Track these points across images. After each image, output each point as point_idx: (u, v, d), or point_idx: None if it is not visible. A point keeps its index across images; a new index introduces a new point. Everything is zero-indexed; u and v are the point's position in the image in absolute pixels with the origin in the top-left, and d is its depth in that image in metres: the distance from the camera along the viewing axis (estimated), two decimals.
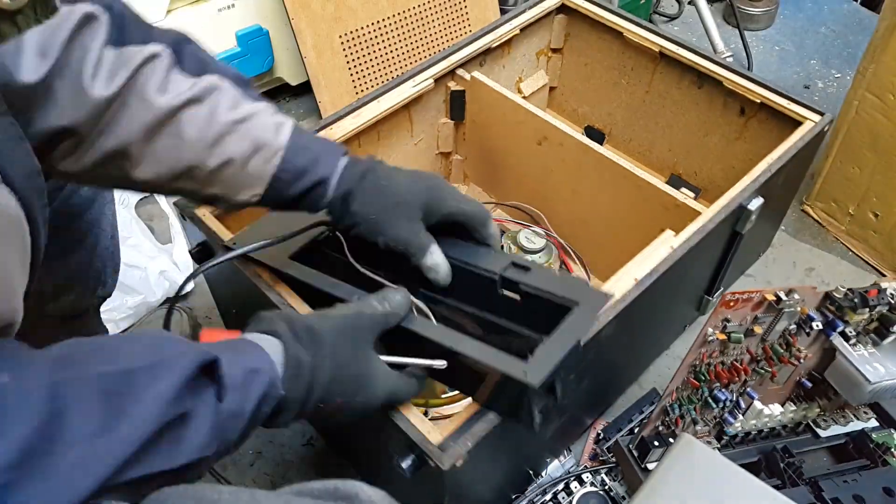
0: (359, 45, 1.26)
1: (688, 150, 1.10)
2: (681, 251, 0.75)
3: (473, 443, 0.60)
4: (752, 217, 0.83)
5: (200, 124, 0.55)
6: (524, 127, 0.98)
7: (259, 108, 0.59)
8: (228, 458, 0.83)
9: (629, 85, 1.12)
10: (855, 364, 0.77)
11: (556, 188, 1.01)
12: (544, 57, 1.18)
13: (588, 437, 0.90)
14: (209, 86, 0.56)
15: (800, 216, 1.20)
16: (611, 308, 0.70)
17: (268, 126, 0.59)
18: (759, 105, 0.95)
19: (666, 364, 0.99)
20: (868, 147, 1.05)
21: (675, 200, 0.85)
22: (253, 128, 0.58)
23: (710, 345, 0.74)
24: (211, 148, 0.56)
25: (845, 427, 0.85)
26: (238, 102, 0.58)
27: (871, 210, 1.09)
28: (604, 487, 0.83)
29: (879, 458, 0.80)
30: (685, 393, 0.77)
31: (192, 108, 0.55)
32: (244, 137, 0.57)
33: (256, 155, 0.58)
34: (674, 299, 0.91)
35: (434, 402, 0.89)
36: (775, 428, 0.83)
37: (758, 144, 0.99)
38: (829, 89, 1.46)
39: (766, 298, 0.73)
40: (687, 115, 1.07)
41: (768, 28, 1.63)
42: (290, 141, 0.59)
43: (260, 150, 0.58)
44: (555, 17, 1.13)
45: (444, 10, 1.33)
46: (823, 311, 0.78)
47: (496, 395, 0.60)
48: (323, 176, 0.60)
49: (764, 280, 1.10)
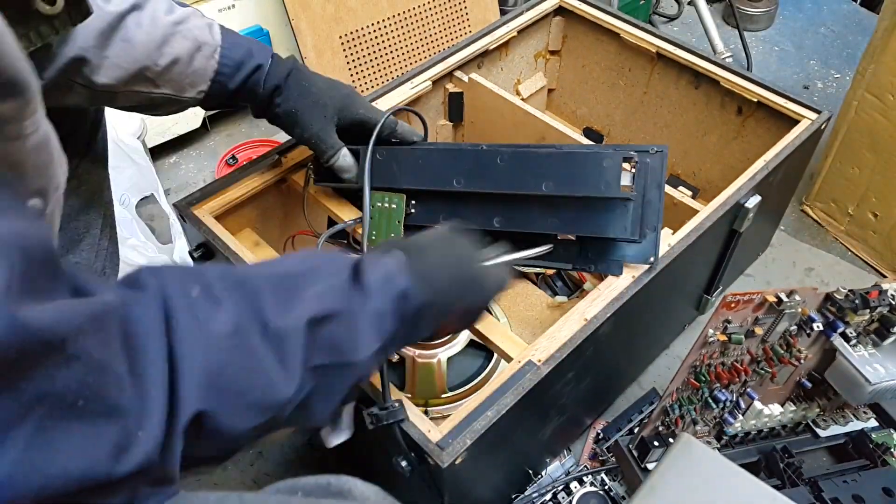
0: (359, 45, 1.26)
1: (686, 150, 1.11)
2: (678, 249, 0.75)
3: (472, 440, 0.60)
4: (749, 215, 0.83)
5: (146, 27, 0.61)
6: (523, 128, 0.98)
7: (189, 12, 0.65)
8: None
9: (627, 86, 1.12)
10: (855, 365, 0.77)
11: None
12: (542, 59, 1.18)
13: (588, 437, 0.90)
14: None
15: (799, 216, 1.20)
16: (609, 306, 0.70)
17: (202, 27, 0.65)
18: (757, 104, 0.95)
19: (666, 364, 0.99)
20: (867, 147, 1.05)
21: (672, 199, 0.85)
22: (191, 28, 0.64)
23: (711, 346, 0.74)
24: (159, 48, 0.62)
25: (845, 427, 0.85)
26: (171, 6, 0.64)
27: (871, 210, 1.09)
28: (604, 487, 0.83)
29: (879, 459, 0.80)
30: (685, 393, 0.77)
31: (136, 14, 0.61)
32: (185, 37, 0.64)
33: (198, 53, 0.65)
34: (672, 298, 0.91)
35: (434, 402, 0.89)
36: (775, 428, 0.83)
37: (756, 144, 0.99)
38: (828, 90, 1.46)
39: (767, 300, 0.73)
40: (685, 116, 1.07)
41: (768, 28, 1.63)
42: (224, 38, 0.67)
43: (201, 47, 0.65)
44: (552, 19, 1.13)
45: (444, 10, 1.33)
46: (824, 312, 0.78)
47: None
48: (259, 63, 0.68)
49: (763, 280, 1.10)
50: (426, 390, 0.89)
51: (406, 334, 0.51)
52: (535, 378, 0.64)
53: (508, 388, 0.63)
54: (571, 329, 0.68)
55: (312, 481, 0.45)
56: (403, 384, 0.90)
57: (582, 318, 0.69)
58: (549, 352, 0.66)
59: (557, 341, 0.67)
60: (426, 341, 0.87)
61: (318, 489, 0.45)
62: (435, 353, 0.89)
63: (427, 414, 0.88)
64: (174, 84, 0.65)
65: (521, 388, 0.63)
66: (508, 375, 0.65)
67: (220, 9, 1.19)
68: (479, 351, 0.92)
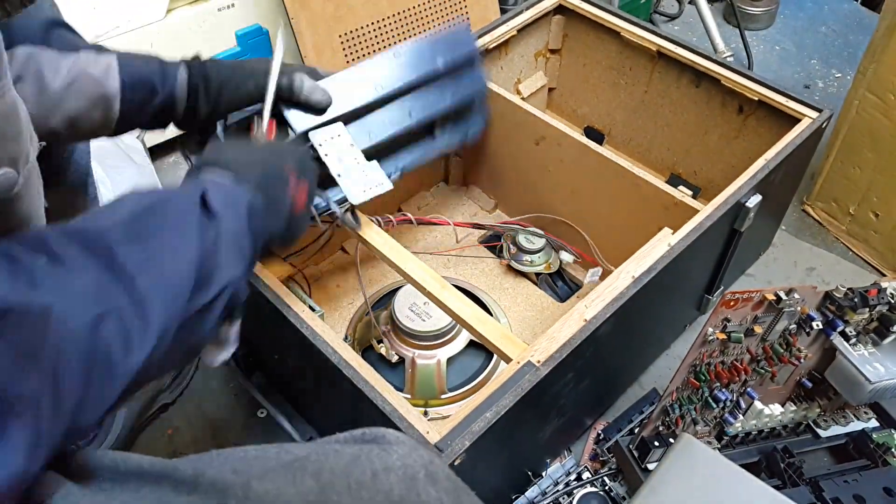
0: (359, 44, 1.25)
1: (687, 149, 1.10)
2: (679, 248, 0.75)
3: (471, 442, 0.60)
4: (750, 215, 0.83)
5: (33, 100, 0.56)
6: (523, 128, 0.98)
7: (81, 60, 0.60)
8: None
9: (628, 85, 1.12)
10: (855, 364, 0.77)
11: (556, 188, 1.01)
12: (542, 58, 1.18)
13: (588, 438, 0.90)
14: (24, 59, 0.57)
15: (800, 216, 1.20)
16: (608, 306, 0.70)
17: (96, 78, 0.60)
18: (758, 103, 0.95)
19: (666, 364, 0.99)
20: (868, 147, 1.05)
21: (673, 199, 0.85)
22: (83, 85, 0.59)
23: (711, 344, 0.74)
24: (51, 116, 0.58)
25: (845, 427, 0.84)
26: (58, 64, 0.59)
27: (872, 210, 1.09)
28: (604, 488, 0.83)
29: (880, 458, 0.80)
30: (685, 393, 0.77)
31: (18, 88, 0.56)
32: (79, 97, 0.59)
33: (95, 107, 0.60)
34: (673, 298, 0.91)
35: (434, 403, 0.89)
36: (775, 428, 0.83)
37: (756, 143, 0.99)
38: (829, 89, 1.46)
39: (767, 298, 0.73)
40: (686, 115, 1.07)
41: (769, 28, 1.63)
42: (122, 81, 0.61)
43: (97, 102, 0.60)
44: (552, 18, 1.13)
45: (444, 10, 1.33)
46: (824, 310, 0.77)
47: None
48: (167, 96, 0.64)
49: (764, 279, 1.10)
50: (426, 391, 0.89)
51: (261, 241, 0.53)
52: (534, 379, 0.64)
53: (508, 389, 0.63)
54: (571, 329, 0.68)
55: (347, 433, 0.48)
56: (403, 385, 0.90)
57: (581, 318, 0.69)
58: (548, 352, 0.66)
59: (557, 342, 0.67)
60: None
61: (353, 438, 0.47)
62: (435, 354, 0.89)
63: (426, 415, 0.88)
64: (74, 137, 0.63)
65: (521, 388, 0.63)
66: (508, 376, 0.64)
67: (219, 8, 1.19)
68: (479, 352, 0.92)
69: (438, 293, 0.71)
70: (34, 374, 0.35)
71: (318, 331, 0.68)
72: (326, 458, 0.44)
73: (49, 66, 0.58)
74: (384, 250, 0.75)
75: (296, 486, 0.42)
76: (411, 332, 0.88)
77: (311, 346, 0.67)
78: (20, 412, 0.34)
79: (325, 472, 0.43)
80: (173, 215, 0.47)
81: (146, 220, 0.45)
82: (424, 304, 0.89)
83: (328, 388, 0.73)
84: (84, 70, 0.60)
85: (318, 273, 1.04)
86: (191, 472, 0.42)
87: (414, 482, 0.44)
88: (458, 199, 1.16)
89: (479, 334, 0.69)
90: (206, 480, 0.41)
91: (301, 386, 0.86)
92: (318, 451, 0.45)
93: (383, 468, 0.44)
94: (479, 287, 1.03)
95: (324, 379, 0.71)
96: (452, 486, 0.46)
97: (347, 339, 0.95)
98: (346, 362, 0.66)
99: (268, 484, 0.41)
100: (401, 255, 0.74)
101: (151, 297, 0.41)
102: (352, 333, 0.96)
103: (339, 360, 0.66)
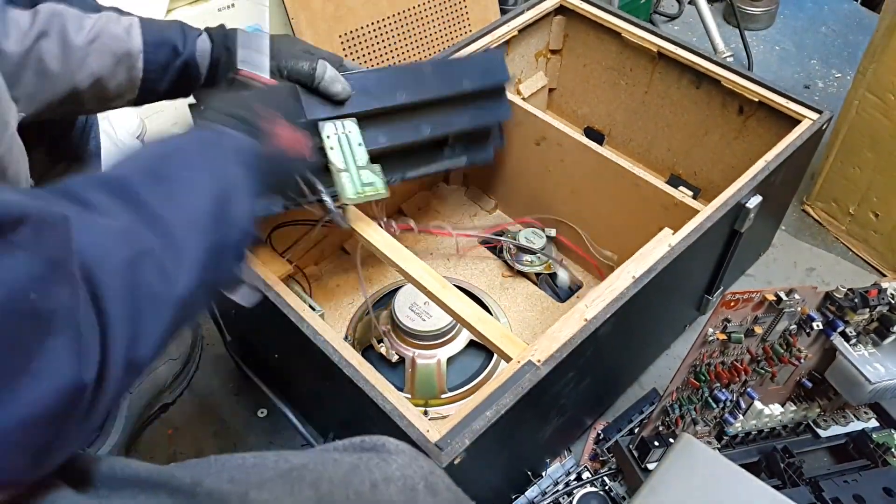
0: (359, 44, 1.26)
1: (687, 150, 1.10)
2: (679, 249, 0.75)
3: (471, 441, 0.60)
4: (750, 215, 0.83)
5: (58, 56, 0.58)
6: (523, 128, 0.98)
7: (102, 23, 0.61)
8: None
9: (628, 85, 1.12)
10: (855, 364, 0.77)
11: (556, 188, 1.01)
12: (543, 58, 1.18)
13: (588, 438, 0.90)
14: (48, 15, 0.58)
15: (800, 216, 1.20)
16: (609, 306, 0.70)
17: (118, 36, 0.62)
18: (758, 104, 0.95)
19: (666, 364, 0.99)
20: (868, 147, 1.05)
21: (673, 199, 0.85)
22: (107, 42, 0.61)
23: (711, 345, 0.74)
24: (76, 73, 0.59)
25: (845, 427, 0.84)
26: (81, 22, 0.60)
27: (872, 210, 1.09)
28: (604, 488, 0.83)
29: (879, 458, 0.80)
30: (685, 393, 0.77)
31: (43, 44, 0.58)
32: (102, 53, 0.60)
33: (119, 64, 0.62)
34: (673, 298, 0.91)
35: (434, 403, 0.89)
36: (775, 428, 0.83)
37: (757, 143, 0.99)
38: (829, 89, 1.46)
39: (767, 298, 0.73)
40: (686, 115, 1.07)
41: (769, 28, 1.63)
42: (144, 40, 0.63)
43: (121, 60, 0.62)
44: (553, 19, 1.13)
45: (444, 10, 1.33)
46: (824, 311, 0.77)
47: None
48: (189, 56, 0.65)
49: (764, 280, 1.10)
50: (426, 391, 0.89)
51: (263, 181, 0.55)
52: (534, 378, 0.64)
53: (508, 389, 0.63)
54: (571, 329, 0.68)
55: (346, 441, 0.48)
56: (403, 385, 0.90)
57: (582, 318, 0.69)
58: (548, 352, 0.66)
59: (557, 341, 0.67)
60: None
61: (352, 447, 0.47)
62: (435, 354, 0.89)
63: (426, 414, 0.88)
64: (99, 100, 0.64)
65: (521, 388, 0.63)
66: (508, 376, 0.64)
67: (219, 8, 1.19)
68: (479, 351, 0.92)
69: (439, 293, 0.71)
70: (64, 287, 0.34)
71: (318, 330, 0.68)
72: (325, 467, 0.43)
73: (73, 22, 0.59)
74: (385, 250, 0.75)
75: (294, 496, 0.41)
76: (411, 332, 0.88)
77: (312, 346, 0.67)
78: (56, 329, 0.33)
79: (323, 481, 0.42)
80: (188, 156, 0.49)
81: (164, 163, 0.48)
82: (425, 303, 0.89)
83: (328, 387, 0.73)
84: (106, 27, 0.61)
85: (319, 273, 1.04)
86: (188, 481, 0.41)
87: (414, 493, 0.43)
88: (458, 198, 1.16)
89: (479, 334, 0.69)
90: (204, 490, 0.41)
91: (301, 385, 0.86)
92: (317, 459, 0.44)
93: (383, 479, 0.43)
94: (479, 287, 1.03)
95: (324, 378, 0.71)
96: (453, 497, 0.45)
97: (348, 339, 0.95)
98: (347, 362, 0.66)
99: (266, 494, 0.41)
100: (401, 255, 0.74)
101: (179, 231, 0.43)
102: (352, 333, 0.97)
103: (340, 360, 0.66)
